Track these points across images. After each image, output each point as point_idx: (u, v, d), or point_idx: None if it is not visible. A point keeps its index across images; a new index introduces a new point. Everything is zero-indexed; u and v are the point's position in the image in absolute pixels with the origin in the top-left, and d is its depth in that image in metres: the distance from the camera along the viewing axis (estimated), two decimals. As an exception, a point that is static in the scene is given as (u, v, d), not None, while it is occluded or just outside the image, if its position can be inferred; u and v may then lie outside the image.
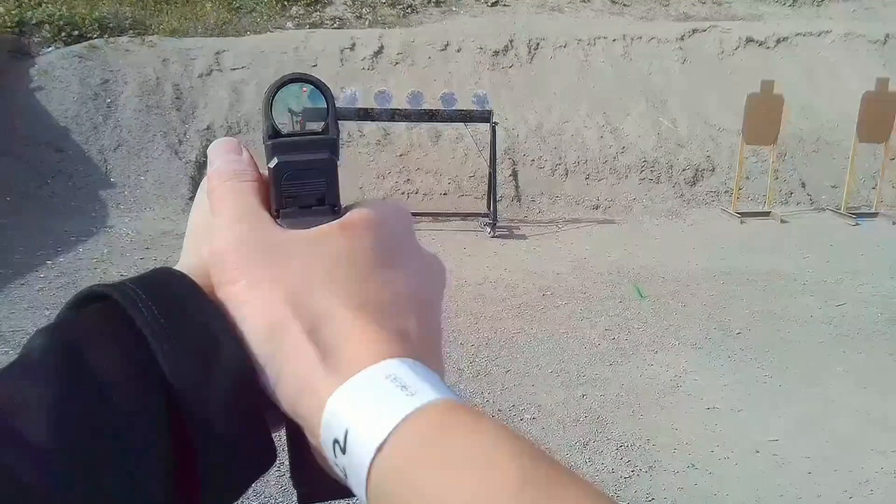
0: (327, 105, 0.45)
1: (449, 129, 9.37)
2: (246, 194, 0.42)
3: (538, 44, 10.88)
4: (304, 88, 0.45)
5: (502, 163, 9.13)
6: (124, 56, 9.77)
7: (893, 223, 8.77)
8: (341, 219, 0.42)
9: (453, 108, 7.84)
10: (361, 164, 9.04)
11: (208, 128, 9.29)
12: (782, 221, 8.73)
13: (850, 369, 4.95)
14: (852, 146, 8.94)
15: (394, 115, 7.83)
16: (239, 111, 9.49)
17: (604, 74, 10.69)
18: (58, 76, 9.30)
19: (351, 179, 8.55)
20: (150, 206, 8.33)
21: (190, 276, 0.41)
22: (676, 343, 5.31)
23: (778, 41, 11.39)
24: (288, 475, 0.41)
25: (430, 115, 7.94)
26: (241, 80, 9.83)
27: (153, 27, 10.61)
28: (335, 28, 11.32)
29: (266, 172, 0.44)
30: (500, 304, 5.91)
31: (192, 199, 5.03)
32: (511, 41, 10.84)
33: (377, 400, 0.33)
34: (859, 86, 9.37)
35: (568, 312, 5.81)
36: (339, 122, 0.45)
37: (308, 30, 11.10)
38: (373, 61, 10.27)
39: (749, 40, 11.30)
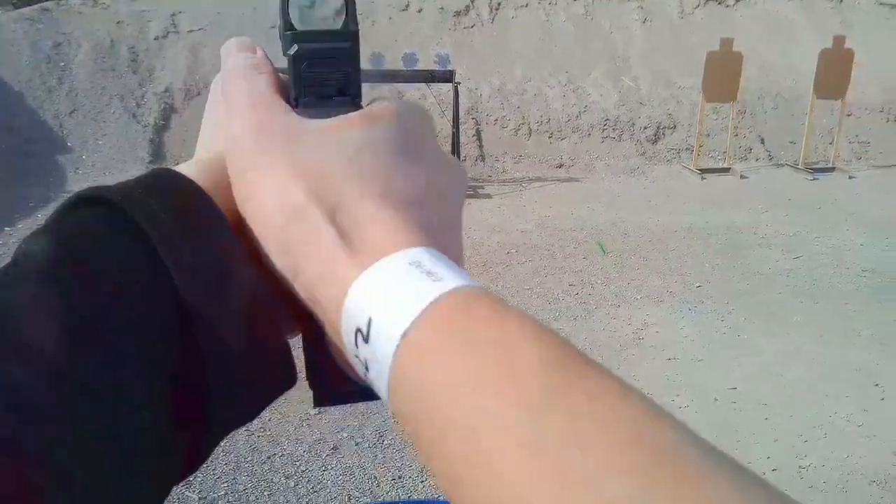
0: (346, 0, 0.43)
1: (411, 90, 9.31)
2: (263, 84, 0.42)
3: (499, 3, 10.81)
4: None
5: (465, 123, 9.11)
6: (77, 18, 9.53)
7: (850, 177, 8.93)
8: (362, 110, 0.41)
9: (415, 68, 7.79)
10: (323, 126, 8.96)
11: (166, 90, 9.13)
12: (742, 177, 8.85)
13: (806, 319, 5.08)
14: (810, 103, 9.06)
15: (355, 76, 7.74)
16: (197, 73, 9.33)
17: (565, 34, 10.67)
18: (8, 40, 9.05)
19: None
20: (109, 171, 8.19)
21: (202, 170, 0.40)
22: (638, 297, 5.40)
23: (737, -1, 11.44)
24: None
25: (392, 76, 7.88)
26: (198, 42, 9.65)
27: (106, -12, 10.35)
28: (294, -12, 11.13)
29: (282, 67, 0.43)
30: (465, 262, 5.93)
31: (150, 163, 4.95)
32: (472, 1, 10.76)
33: (402, 286, 0.32)
34: (816, 43, 9.47)
35: (532, 269, 5.87)
36: None
37: (267, -11, 10.92)
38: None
39: (709, -2, 11.35)
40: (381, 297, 0.32)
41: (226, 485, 3.36)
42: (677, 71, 10.31)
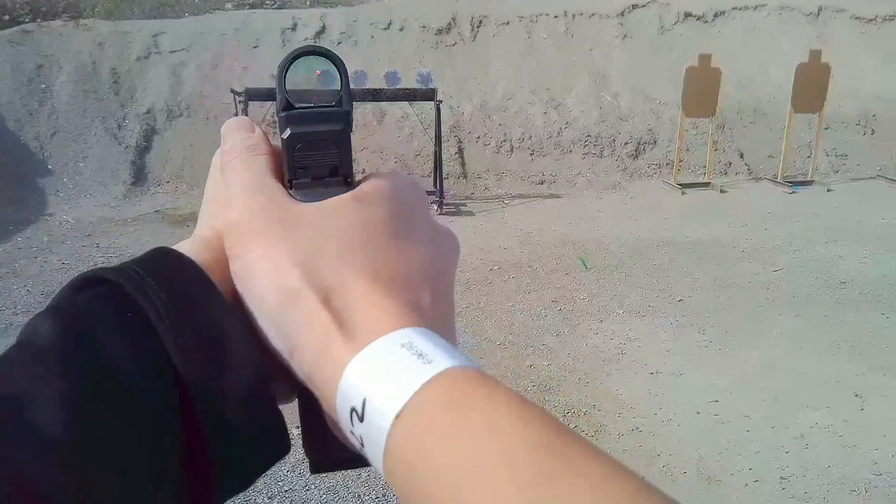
0: (341, 78, 0.45)
1: (394, 108, 9.36)
2: (259, 167, 0.43)
3: (481, 21, 10.90)
4: (318, 71, 0.45)
5: (448, 140, 9.16)
6: (59, 40, 9.53)
7: (828, 190, 9.04)
8: (354, 190, 0.42)
9: (397, 86, 7.82)
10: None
11: (148, 111, 9.14)
12: (721, 191, 8.93)
13: (786, 331, 5.12)
14: (787, 116, 9.17)
15: (337, 95, 7.77)
16: (179, 94, 9.34)
17: (546, 51, 10.76)
18: (-11, 62, 9.05)
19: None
20: (89, 193, 8.18)
21: (203, 248, 0.41)
22: (621, 312, 5.43)
23: (716, 15, 11.57)
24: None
25: (374, 94, 7.91)
26: (180, 62, 9.67)
27: (87, 10, 10.38)
28: (276, 8, 11.19)
29: (279, 145, 0.44)
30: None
31: (133, 184, 4.97)
32: (454, 19, 10.84)
33: (395, 368, 0.33)
34: (794, 57, 9.60)
35: (515, 286, 5.89)
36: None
37: (248, 10, 10.95)
38: (315, 41, 10.17)
39: (688, 15, 11.47)
40: (375, 380, 0.33)
41: (209, 506, 3.34)
42: (657, 86, 10.42)
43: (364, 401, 0.33)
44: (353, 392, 0.34)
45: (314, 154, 0.43)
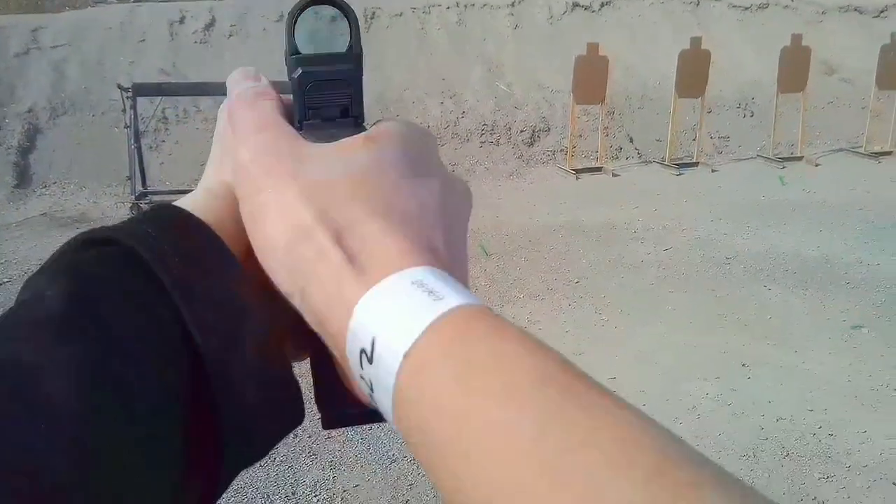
0: (350, 26, 0.44)
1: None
2: (268, 108, 0.42)
3: (374, 13, 10.87)
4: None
5: (346, 133, 9.12)
6: (-74, 37, 9.01)
7: (712, 171, 9.43)
8: (366, 131, 0.41)
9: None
10: (200, 141, 8.73)
11: (30, 110, 8.73)
12: (614, 175, 9.20)
13: (677, 307, 5.36)
14: (672, 101, 9.52)
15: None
16: (62, 91, 8.96)
17: (440, 42, 10.83)
18: None
19: (191, 156, 8.30)
20: (-31, 198, 7.78)
21: (211, 201, 0.41)
22: (521, 296, 5.56)
23: (602, 5, 11.87)
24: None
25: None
26: (62, 58, 9.28)
27: (-43, 5, 9.83)
28: (162, 1, 10.85)
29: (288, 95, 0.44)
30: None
31: (16, 186, 4.78)
32: (346, 11, 10.76)
33: (405, 305, 0.32)
34: (676, 45, 9.94)
35: (417, 275, 5.94)
36: (174, 97, 0.44)
37: (133, 3, 10.59)
38: (205, 34, 9.94)
39: (576, 5, 11.73)
40: (384, 318, 0.32)
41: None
42: (549, 75, 10.63)
43: (373, 340, 0.32)
44: (362, 332, 0.33)
45: (326, 94, 0.43)
